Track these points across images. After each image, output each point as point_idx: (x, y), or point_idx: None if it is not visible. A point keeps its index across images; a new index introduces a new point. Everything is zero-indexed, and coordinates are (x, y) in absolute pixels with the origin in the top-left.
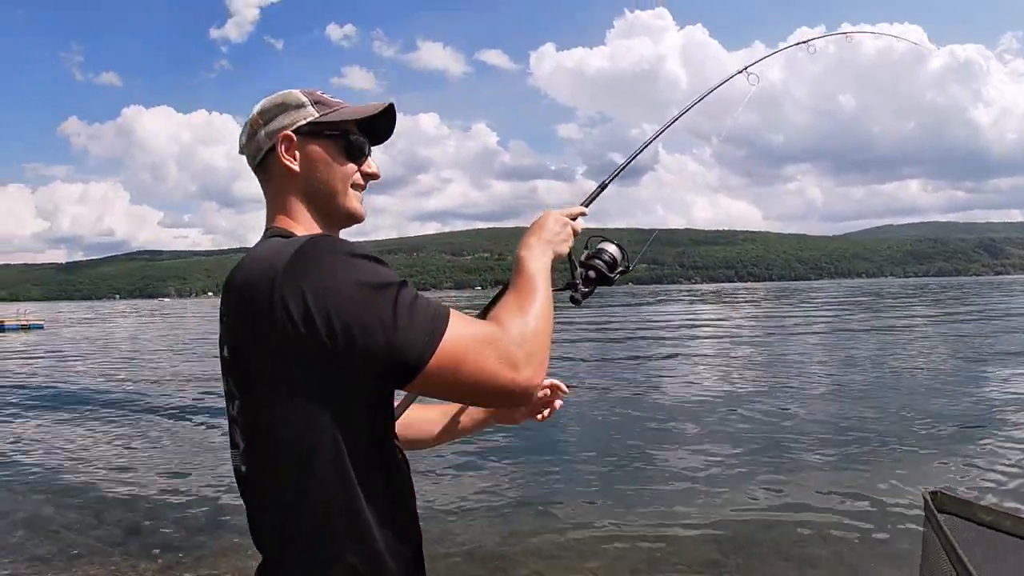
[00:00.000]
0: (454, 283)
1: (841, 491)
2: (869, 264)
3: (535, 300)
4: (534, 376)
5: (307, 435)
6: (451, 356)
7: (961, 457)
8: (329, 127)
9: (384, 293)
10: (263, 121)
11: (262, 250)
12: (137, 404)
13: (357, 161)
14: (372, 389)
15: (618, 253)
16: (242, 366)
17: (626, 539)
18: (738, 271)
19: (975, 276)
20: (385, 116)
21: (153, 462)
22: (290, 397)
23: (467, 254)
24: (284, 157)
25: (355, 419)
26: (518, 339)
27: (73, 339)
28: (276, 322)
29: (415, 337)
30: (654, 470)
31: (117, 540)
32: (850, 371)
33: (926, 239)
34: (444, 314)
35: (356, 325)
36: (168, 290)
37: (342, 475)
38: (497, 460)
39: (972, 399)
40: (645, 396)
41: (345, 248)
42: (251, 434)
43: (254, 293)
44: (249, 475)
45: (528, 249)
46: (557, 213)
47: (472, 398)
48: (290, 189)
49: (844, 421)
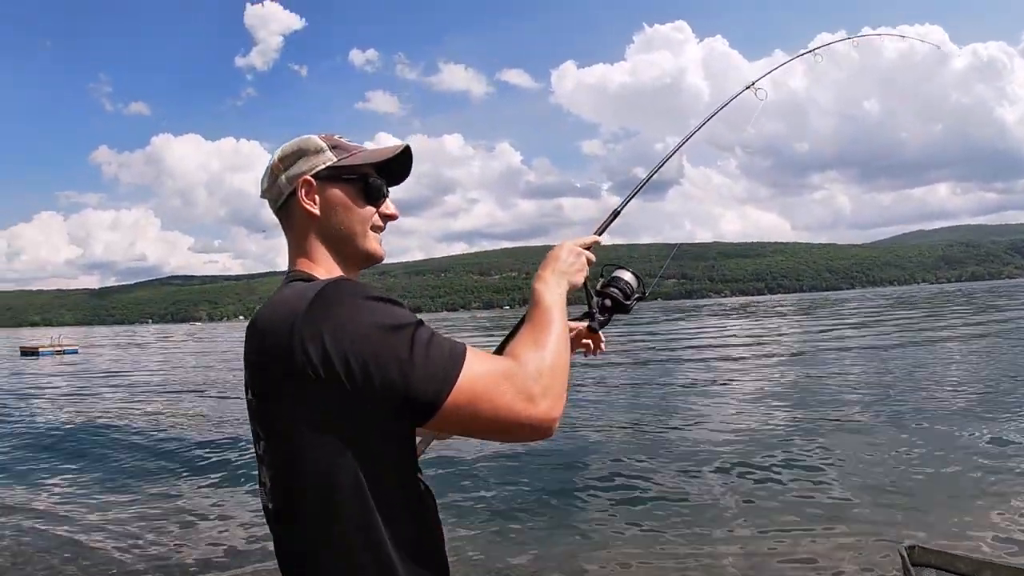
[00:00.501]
0: (482, 303)
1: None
2: (900, 271)
3: (551, 333)
4: (552, 409)
5: (330, 473)
6: (468, 393)
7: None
8: (347, 171)
9: (400, 333)
10: (283, 167)
11: (283, 295)
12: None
13: (375, 203)
14: (392, 426)
15: (633, 280)
16: (267, 409)
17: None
18: (768, 283)
19: (1008, 279)
20: (402, 158)
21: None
22: (313, 437)
23: (494, 274)
24: (304, 201)
25: (377, 456)
26: (534, 373)
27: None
28: (297, 364)
29: (432, 375)
30: (639, 500)
31: (144, 565)
32: (872, 400)
33: (957, 243)
34: (460, 352)
35: (373, 365)
36: (200, 314)
37: (365, 510)
38: (512, 480)
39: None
40: (658, 421)
41: (363, 292)
42: (277, 473)
43: (276, 338)
44: (276, 512)
45: (543, 282)
46: (571, 243)
47: (491, 433)
48: (310, 232)
49: (856, 462)
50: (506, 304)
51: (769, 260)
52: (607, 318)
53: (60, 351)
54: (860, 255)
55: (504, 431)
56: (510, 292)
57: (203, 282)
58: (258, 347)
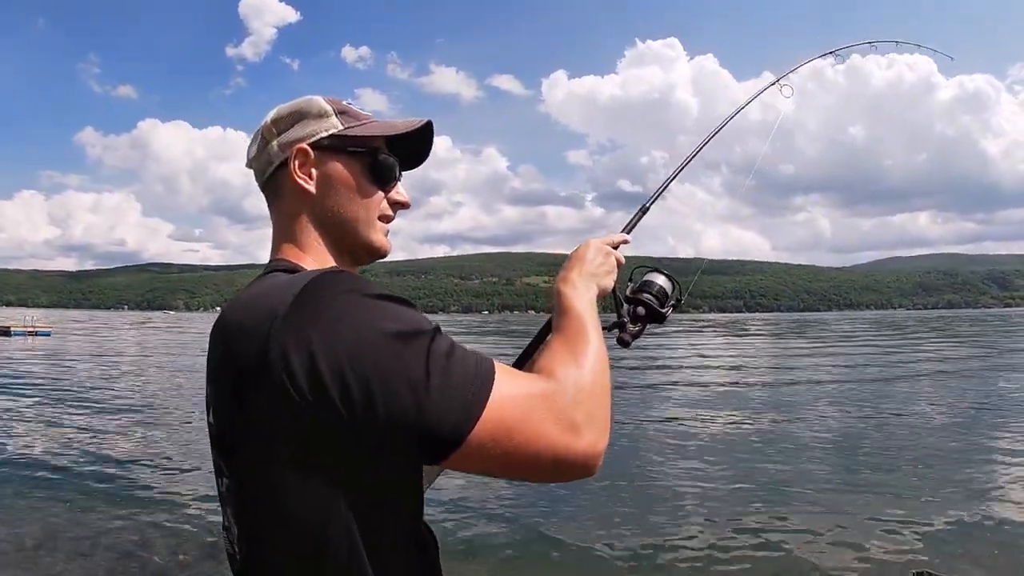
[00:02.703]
0: (461, 307)
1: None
2: (878, 296)
3: (588, 346)
4: (598, 441)
5: (315, 521)
6: (498, 423)
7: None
8: (354, 143)
9: (413, 345)
10: (277, 130)
11: (260, 288)
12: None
13: (385, 186)
14: (397, 464)
15: (668, 284)
16: (232, 436)
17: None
18: (747, 301)
19: (984, 308)
20: (421, 136)
21: (153, 485)
22: (293, 476)
23: (475, 278)
24: (297, 174)
25: (375, 503)
26: (575, 396)
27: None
28: (275, 381)
29: (453, 400)
30: (635, 505)
31: (113, 567)
32: (854, 422)
33: (935, 271)
34: (488, 370)
35: (378, 386)
36: (176, 303)
37: (358, 567)
38: (493, 493)
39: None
40: (648, 433)
41: (364, 287)
42: (248, 519)
43: (248, 344)
44: (248, 566)
45: (571, 285)
46: (598, 242)
47: (524, 472)
48: (302, 213)
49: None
50: (485, 309)
51: (749, 279)
52: (640, 328)
53: (33, 332)
54: (839, 278)
55: (538, 469)
56: (490, 297)
57: (181, 271)
58: (224, 355)
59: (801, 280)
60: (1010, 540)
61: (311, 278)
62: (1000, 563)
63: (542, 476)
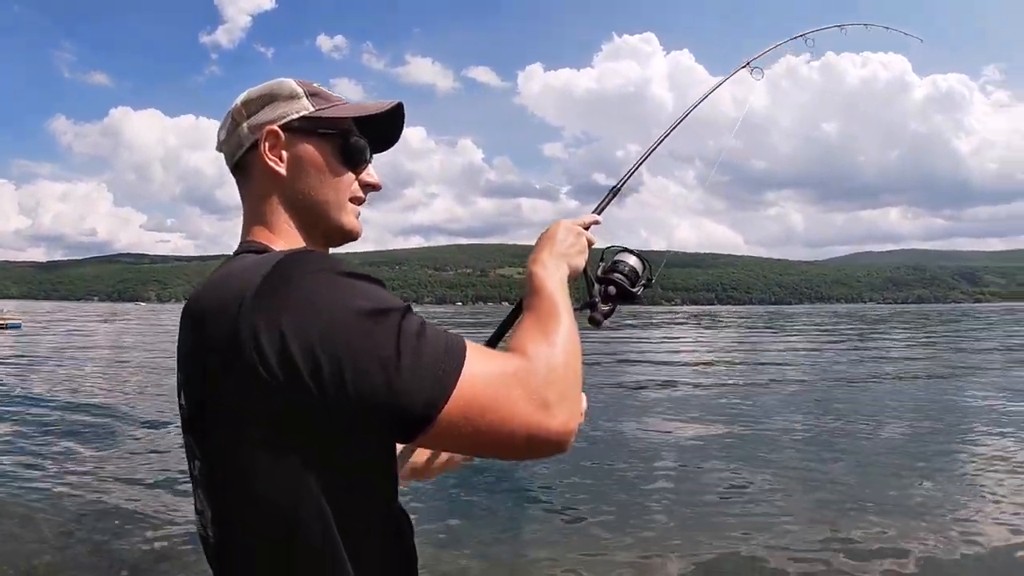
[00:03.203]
0: (435, 298)
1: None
2: (848, 290)
3: (560, 325)
4: (570, 419)
5: (287, 503)
6: (470, 401)
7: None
8: (325, 124)
9: (384, 323)
10: (247, 113)
11: (229, 269)
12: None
13: (356, 168)
14: (370, 444)
15: (639, 264)
16: (204, 419)
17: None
18: (718, 294)
19: (953, 304)
20: (392, 118)
21: (124, 478)
22: (265, 457)
23: (449, 269)
24: (268, 156)
25: (347, 481)
26: (547, 374)
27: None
28: (245, 362)
29: (424, 379)
30: (611, 511)
31: (85, 560)
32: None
33: (905, 266)
34: (459, 348)
35: (349, 365)
36: (148, 294)
37: (331, 549)
38: (465, 495)
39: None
40: (622, 431)
41: (334, 266)
42: (217, 501)
43: (218, 326)
44: (220, 549)
45: (541, 265)
46: (568, 222)
47: (496, 450)
48: (272, 195)
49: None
50: (459, 300)
51: (721, 271)
52: (611, 308)
53: (3, 325)
54: (810, 272)
55: (512, 447)
56: (464, 288)
57: (153, 261)
58: (194, 337)
59: (773, 274)
60: (980, 538)
61: (280, 258)
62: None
63: (515, 454)
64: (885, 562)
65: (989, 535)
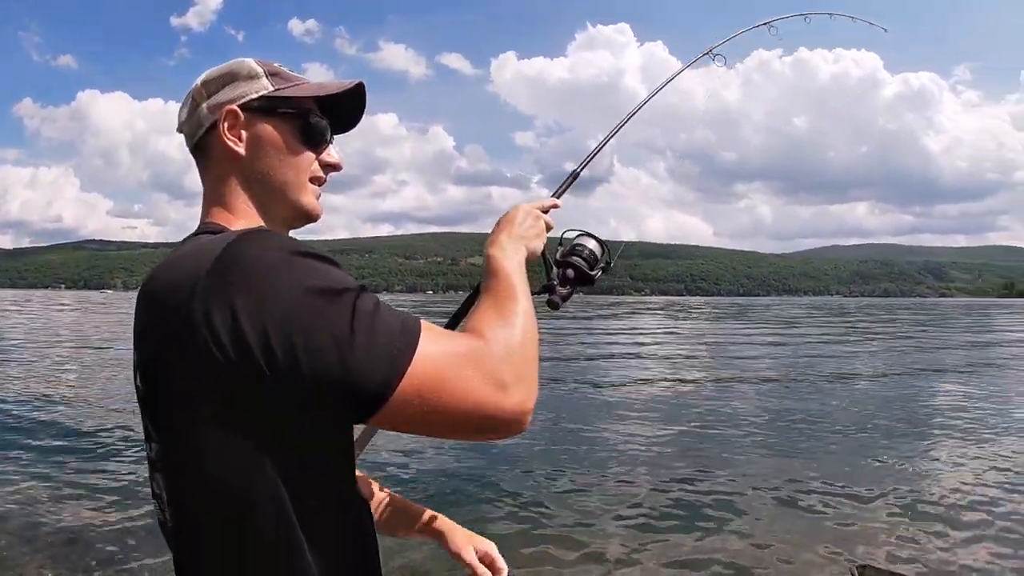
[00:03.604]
0: (406, 286)
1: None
2: (815, 282)
3: (517, 306)
4: (526, 399)
5: (242, 485)
6: (425, 380)
7: (888, 522)
8: (285, 104)
9: (338, 301)
10: (207, 93)
11: (185, 250)
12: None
13: (316, 148)
14: (325, 423)
15: (598, 248)
16: (159, 400)
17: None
18: (687, 285)
19: (919, 298)
20: (353, 98)
21: (91, 477)
22: (219, 438)
23: (420, 258)
24: (227, 136)
25: (303, 462)
26: (503, 354)
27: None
28: (199, 342)
29: (378, 357)
30: (572, 505)
31: (55, 550)
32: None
33: (872, 260)
34: (414, 327)
35: (302, 343)
36: (114, 281)
37: (287, 532)
38: (439, 481)
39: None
40: (591, 407)
41: (288, 245)
42: (173, 483)
43: (170, 306)
44: (176, 531)
45: (499, 248)
46: (527, 206)
47: (452, 430)
48: (231, 176)
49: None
50: (430, 289)
51: (690, 263)
52: (570, 291)
53: None
54: (778, 264)
55: (468, 427)
56: (435, 277)
57: (119, 248)
58: (149, 317)
59: (741, 265)
60: (944, 527)
61: (234, 237)
62: (936, 551)
63: (471, 434)
64: (854, 550)
65: (947, 519)
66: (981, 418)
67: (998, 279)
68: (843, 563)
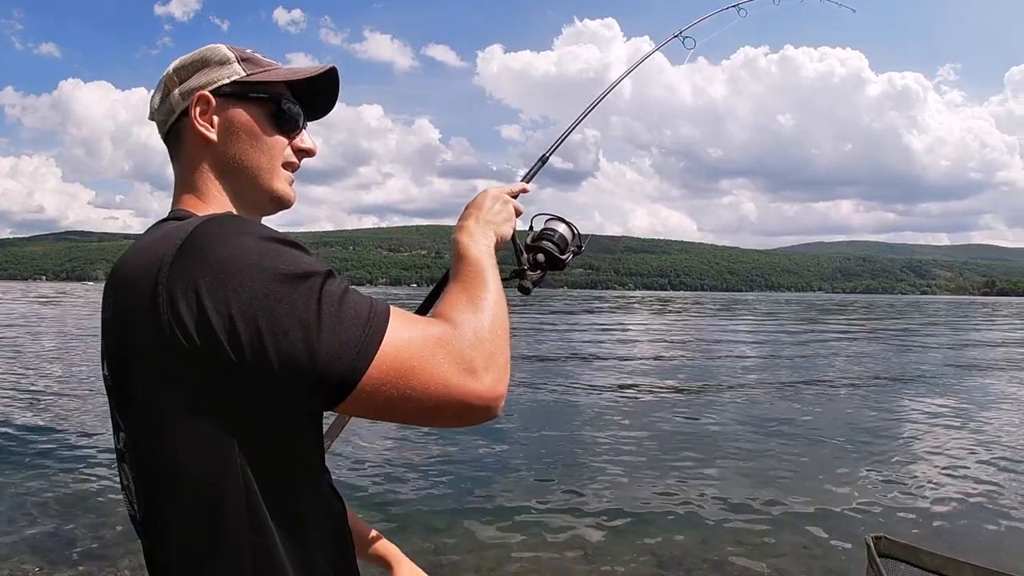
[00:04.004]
0: (390, 279)
1: (779, 529)
2: (798, 279)
3: (486, 290)
4: (497, 384)
5: (210, 474)
6: (394, 365)
7: (901, 494)
8: (257, 89)
9: (304, 286)
10: (179, 79)
11: (152, 236)
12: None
13: (288, 133)
14: (293, 411)
15: (568, 232)
16: (126, 388)
17: (559, 545)
18: (671, 279)
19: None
20: (326, 83)
21: (75, 460)
22: (187, 426)
23: (404, 250)
24: (198, 122)
25: (271, 450)
26: (473, 339)
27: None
28: (164, 329)
29: (346, 343)
30: (582, 483)
31: (34, 546)
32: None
33: (855, 257)
34: (383, 312)
35: (268, 329)
36: (96, 273)
37: (257, 523)
38: (422, 469)
39: (905, 431)
40: (576, 407)
41: (254, 230)
42: (142, 473)
43: (137, 293)
44: (145, 522)
45: (467, 233)
46: (495, 191)
47: (422, 416)
48: (203, 162)
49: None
50: (414, 282)
51: (674, 258)
52: (541, 276)
53: None
54: (761, 260)
55: (439, 413)
56: (419, 270)
57: (102, 239)
58: (116, 305)
59: (724, 261)
60: (949, 501)
61: (200, 222)
62: (946, 524)
63: (444, 420)
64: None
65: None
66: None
67: (980, 277)
68: (859, 536)
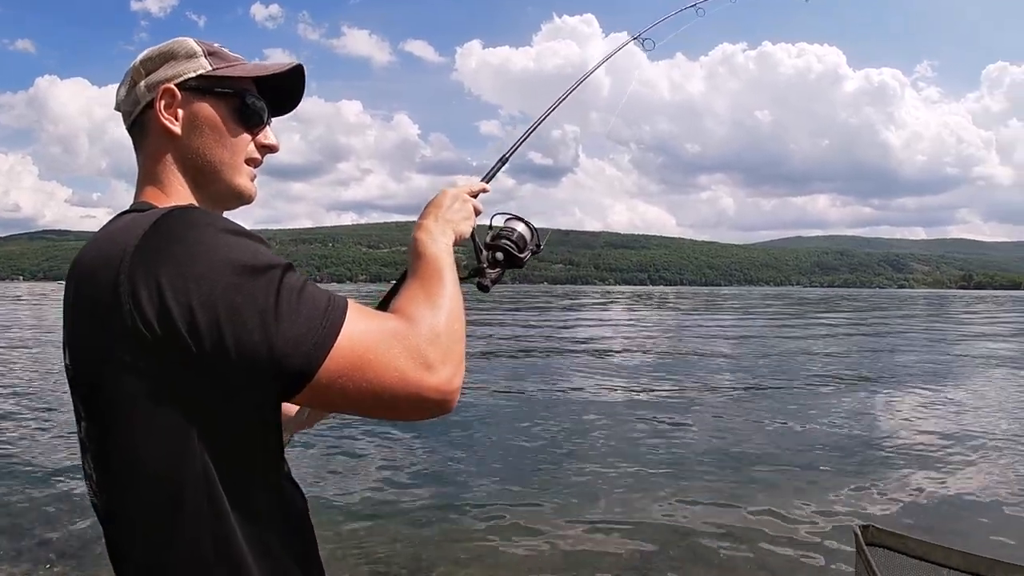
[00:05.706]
0: (369, 276)
1: (765, 522)
2: (776, 273)
3: (443, 287)
4: (453, 377)
5: (171, 464)
6: (350, 357)
7: (887, 485)
8: (222, 84)
9: (263, 279)
10: (145, 71)
11: (112, 227)
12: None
13: (253, 129)
14: (251, 401)
15: (527, 231)
16: (87, 378)
17: (543, 545)
18: (650, 275)
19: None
20: (292, 80)
21: (44, 460)
22: (147, 416)
23: (383, 247)
24: (163, 115)
25: (231, 441)
26: (429, 334)
27: None
28: (124, 319)
29: (303, 334)
30: (566, 481)
31: (5, 547)
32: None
33: (833, 251)
34: (340, 306)
35: (227, 319)
36: None
37: (217, 512)
38: (400, 459)
39: (889, 421)
40: (560, 403)
41: (215, 222)
42: (103, 463)
43: (98, 284)
44: (106, 511)
45: (426, 231)
46: (455, 190)
47: (378, 409)
48: (166, 155)
49: (750, 447)
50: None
51: (653, 253)
52: (499, 274)
53: None
54: (740, 255)
55: (394, 406)
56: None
57: (79, 238)
58: (77, 295)
59: (704, 256)
60: (938, 495)
61: (162, 214)
62: (934, 515)
63: (399, 413)
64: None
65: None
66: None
67: (957, 271)
68: (846, 525)
